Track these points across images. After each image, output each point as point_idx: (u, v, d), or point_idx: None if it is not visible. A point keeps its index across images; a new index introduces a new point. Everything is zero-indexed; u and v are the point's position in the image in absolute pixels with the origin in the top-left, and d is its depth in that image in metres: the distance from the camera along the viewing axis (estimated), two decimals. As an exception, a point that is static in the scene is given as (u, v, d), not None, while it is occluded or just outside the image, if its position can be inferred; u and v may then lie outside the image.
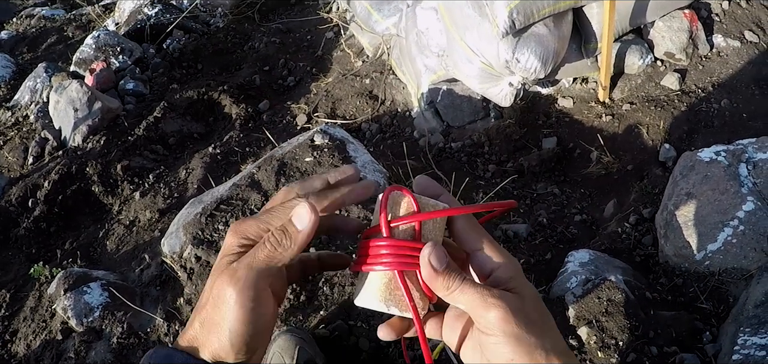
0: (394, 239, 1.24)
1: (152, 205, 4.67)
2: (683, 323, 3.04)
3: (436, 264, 1.20)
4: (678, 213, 3.44)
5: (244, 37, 7.04)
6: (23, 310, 4.00)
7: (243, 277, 1.20)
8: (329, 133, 4.36)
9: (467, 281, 1.19)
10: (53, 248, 4.62)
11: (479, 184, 4.59)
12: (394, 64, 5.74)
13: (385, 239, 1.24)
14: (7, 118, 6.27)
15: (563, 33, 4.73)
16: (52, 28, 8.39)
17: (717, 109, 4.63)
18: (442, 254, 1.21)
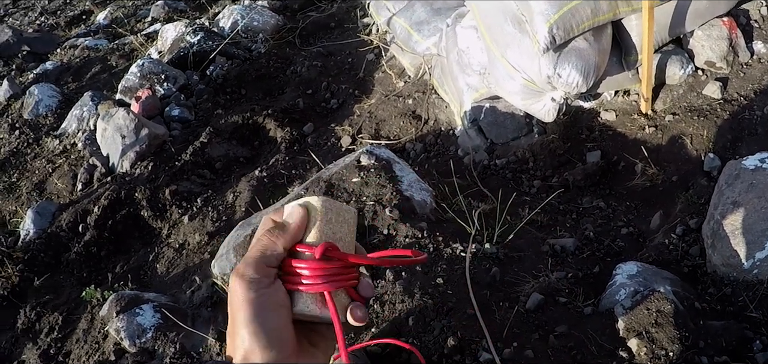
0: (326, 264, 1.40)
1: (201, 228, 4.73)
2: (733, 332, 3.03)
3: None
4: (724, 222, 3.43)
5: (286, 62, 7.09)
6: (76, 332, 4.07)
7: (242, 268, 1.34)
8: (375, 153, 4.39)
9: None
10: (104, 272, 4.69)
11: (525, 199, 4.60)
12: (436, 84, 5.76)
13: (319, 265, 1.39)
14: (55, 146, 6.37)
15: (603, 46, 4.73)
16: (95, 58, 8.50)
17: (760, 116, 4.61)
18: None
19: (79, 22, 10.83)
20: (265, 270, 1.34)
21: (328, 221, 1.44)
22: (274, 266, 1.37)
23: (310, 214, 1.45)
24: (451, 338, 3.07)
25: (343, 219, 1.48)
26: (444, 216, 4.21)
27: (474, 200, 4.51)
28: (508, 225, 4.10)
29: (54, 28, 10.59)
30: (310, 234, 1.43)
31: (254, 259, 1.35)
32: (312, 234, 1.43)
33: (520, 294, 3.48)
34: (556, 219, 4.38)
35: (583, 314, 3.29)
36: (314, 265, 1.38)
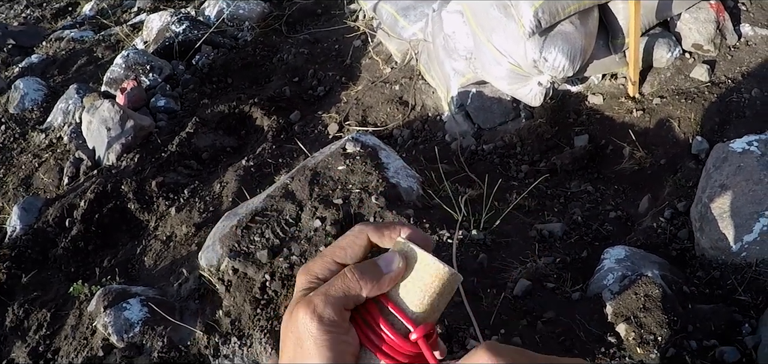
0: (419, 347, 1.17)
1: (188, 219, 4.71)
2: (722, 315, 3.03)
3: None
4: (713, 205, 3.43)
5: (273, 50, 7.07)
6: (64, 328, 4.05)
7: (320, 305, 1.14)
8: (361, 140, 4.37)
9: None
10: (92, 266, 4.67)
11: (513, 184, 4.59)
12: (423, 69, 5.75)
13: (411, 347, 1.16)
14: (41, 140, 6.34)
15: (590, 30, 4.72)
16: (81, 49, 8.46)
17: (748, 99, 4.60)
18: None
19: (64, 13, 10.76)
20: (344, 314, 1.16)
21: (443, 294, 1.19)
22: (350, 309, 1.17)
23: (415, 264, 1.20)
24: (439, 326, 3.06)
25: (452, 291, 1.22)
26: (431, 203, 4.19)
27: (461, 185, 4.50)
28: (495, 211, 4.10)
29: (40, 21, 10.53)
30: (413, 295, 1.18)
31: (335, 299, 1.15)
32: (416, 297, 1.18)
33: (507, 280, 3.47)
34: (544, 204, 4.38)
35: (571, 299, 3.29)
36: (407, 346, 1.16)
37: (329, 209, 3.87)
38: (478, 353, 1.06)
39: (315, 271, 1.20)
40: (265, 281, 3.62)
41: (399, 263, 1.18)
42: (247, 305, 3.57)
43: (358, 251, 1.21)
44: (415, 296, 1.17)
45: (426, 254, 1.18)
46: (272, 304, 3.55)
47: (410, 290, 1.18)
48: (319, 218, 3.84)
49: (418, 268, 1.18)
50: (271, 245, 3.78)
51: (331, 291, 1.15)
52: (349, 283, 1.16)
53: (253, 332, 3.47)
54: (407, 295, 1.18)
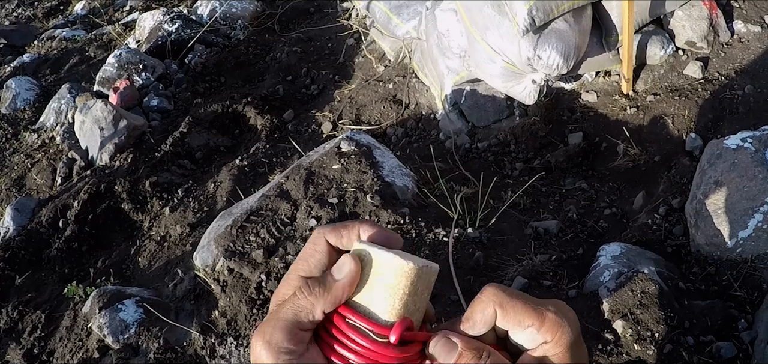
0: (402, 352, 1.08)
1: (182, 219, 4.70)
2: (718, 311, 3.04)
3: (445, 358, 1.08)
4: (707, 202, 3.43)
5: (266, 49, 7.06)
6: (59, 330, 4.04)
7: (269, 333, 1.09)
8: (355, 139, 4.38)
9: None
10: (86, 267, 4.66)
11: (507, 182, 4.59)
12: (417, 67, 5.75)
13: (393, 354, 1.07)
14: (34, 140, 6.32)
15: (583, 27, 4.73)
16: (73, 49, 8.45)
17: (741, 95, 4.61)
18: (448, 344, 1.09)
19: (56, 12, 10.75)
20: (299, 336, 1.09)
21: (416, 293, 1.10)
22: (308, 329, 1.11)
23: (377, 267, 1.11)
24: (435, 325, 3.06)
25: (428, 286, 1.13)
26: (426, 201, 4.20)
27: (456, 184, 4.50)
28: (490, 209, 4.10)
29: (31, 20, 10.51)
30: (381, 301, 1.09)
31: (285, 322, 1.09)
32: (386, 303, 1.09)
33: (504, 278, 3.47)
34: (539, 201, 4.38)
35: (568, 296, 3.29)
36: (388, 350, 1.07)
37: (324, 208, 3.87)
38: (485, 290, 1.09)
39: (282, 292, 1.16)
40: (260, 281, 3.62)
41: (350, 267, 1.10)
42: (243, 305, 3.57)
43: (320, 258, 1.16)
44: (385, 302, 1.09)
45: (385, 253, 1.10)
46: (268, 304, 3.54)
47: (377, 296, 1.10)
48: (314, 217, 3.84)
49: (380, 270, 1.10)
50: (266, 245, 3.78)
51: (281, 315, 1.10)
52: (299, 301, 1.10)
53: (249, 333, 3.47)
54: (375, 303, 1.10)
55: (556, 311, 1.07)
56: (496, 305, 1.07)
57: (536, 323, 1.05)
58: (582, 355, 1.10)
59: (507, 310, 1.06)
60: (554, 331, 1.06)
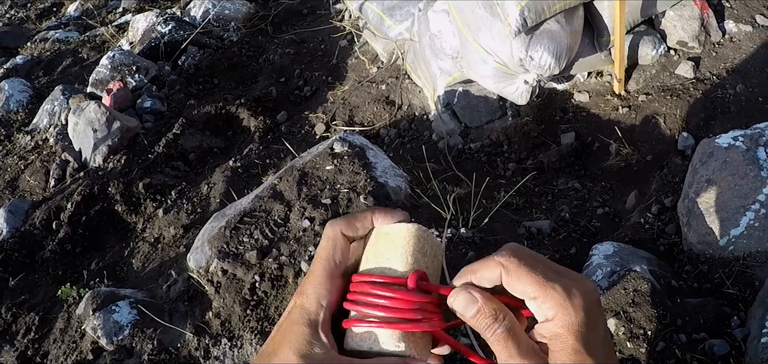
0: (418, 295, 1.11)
1: (176, 221, 4.70)
2: (710, 309, 3.05)
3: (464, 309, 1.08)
4: (699, 200, 3.45)
5: (259, 50, 7.06)
6: (53, 332, 4.04)
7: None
8: (348, 140, 4.38)
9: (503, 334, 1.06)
10: (79, 269, 4.65)
11: (500, 183, 4.60)
12: (409, 69, 5.75)
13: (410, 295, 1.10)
14: (27, 142, 6.32)
15: (575, 28, 4.74)
16: (66, 50, 8.44)
17: (732, 94, 4.63)
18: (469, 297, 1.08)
19: (49, 14, 10.73)
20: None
21: (424, 252, 1.16)
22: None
23: (386, 237, 1.17)
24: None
25: (434, 250, 1.19)
26: (419, 202, 4.20)
27: (449, 184, 4.51)
28: (483, 209, 4.11)
29: (24, 22, 10.50)
30: (393, 259, 1.15)
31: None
32: (397, 260, 1.14)
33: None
34: (532, 201, 4.39)
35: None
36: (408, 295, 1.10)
37: (318, 209, 3.88)
38: (501, 249, 1.08)
39: (308, 292, 1.15)
40: (254, 282, 3.63)
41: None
42: (237, 307, 3.58)
43: (343, 253, 1.18)
44: (397, 261, 1.14)
45: (394, 224, 1.17)
46: (262, 305, 3.56)
47: (390, 258, 1.15)
48: (307, 219, 3.84)
49: (389, 238, 1.16)
50: (260, 246, 3.78)
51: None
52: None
53: (243, 334, 3.47)
54: (388, 262, 1.15)
55: (562, 287, 1.02)
56: (501, 268, 1.05)
57: (539, 297, 1.03)
58: (594, 340, 1.03)
59: (511, 276, 1.04)
60: (555, 309, 1.02)
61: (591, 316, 1.03)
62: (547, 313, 1.03)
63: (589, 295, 1.04)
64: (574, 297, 1.02)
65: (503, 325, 1.05)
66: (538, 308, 1.04)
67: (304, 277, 1.21)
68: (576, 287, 1.04)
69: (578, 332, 1.01)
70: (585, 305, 1.02)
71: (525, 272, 1.03)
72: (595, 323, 1.04)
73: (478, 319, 1.06)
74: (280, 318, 1.19)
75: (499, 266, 1.05)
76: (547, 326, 1.03)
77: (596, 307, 1.05)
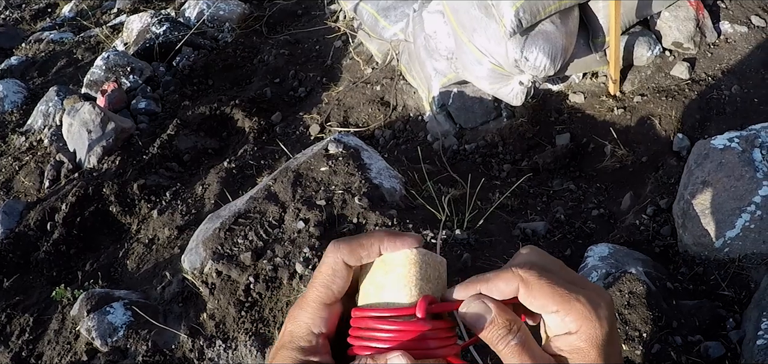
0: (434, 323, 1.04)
1: (170, 222, 4.69)
2: (706, 311, 3.04)
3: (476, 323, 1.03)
4: (695, 202, 3.44)
5: (253, 51, 7.06)
6: (47, 333, 4.03)
7: None
8: (343, 141, 4.38)
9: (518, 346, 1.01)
10: (74, 270, 4.65)
11: (495, 184, 4.60)
12: (404, 70, 5.75)
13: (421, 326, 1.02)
14: (21, 143, 6.31)
15: (570, 29, 4.73)
16: (61, 51, 8.42)
17: (728, 95, 4.63)
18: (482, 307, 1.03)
19: (44, 15, 10.72)
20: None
21: (429, 279, 1.07)
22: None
23: (383, 268, 1.08)
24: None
25: (438, 272, 1.10)
26: (414, 203, 4.20)
27: (444, 185, 4.50)
28: (478, 210, 4.10)
29: (18, 22, 10.48)
30: (397, 291, 1.06)
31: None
32: (402, 292, 1.05)
33: (492, 280, 3.47)
34: (527, 203, 4.38)
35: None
36: (417, 326, 1.02)
37: (312, 210, 3.87)
38: (517, 257, 1.04)
39: (305, 321, 1.10)
40: (248, 283, 3.62)
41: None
42: (232, 308, 3.57)
43: (341, 283, 1.09)
44: (401, 291, 1.05)
45: (392, 252, 1.07)
46: (256, 306, 3.55)
47: (392, 289, 1.06)
48: (302, 220, 3.83)
49: (389, 267, 1.08)
50: (254, 248, 3.78)
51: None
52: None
53: (237, 335, 3.47)
54: (391, 295, 1.06)
55: (587, 299, 0.98)
56: (520, 281, 0.99)
57: (561, 310, 0.98)
58: (613, 353, 1.00)
59: (531, 290, 0.98)
60: (579, 322, 0.98)
61: (613, 330, 1.01)
62: (570, 326, 0.99)
63: (611, 308, 1.02)
64: (600, 310, 0.99)
65: (517, 336, 1.01)
66: (560, 321, 0.99)
67: (299, 297, 1.13)
68: (598, 299, 1.00)
69: (601, 346, 0.98)
70: (609, 316, 1.00)
71: (547, 287, 0.99)
72: (615, 337, 1.01)
73: (491, 331, 1.02)
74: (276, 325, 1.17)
75: (517, 279, 1.00)
76: (568, 339, 1.00)
77: (615, 321, 1.02)
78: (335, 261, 1.09)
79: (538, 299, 0.99)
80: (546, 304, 0.98)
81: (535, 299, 0.99)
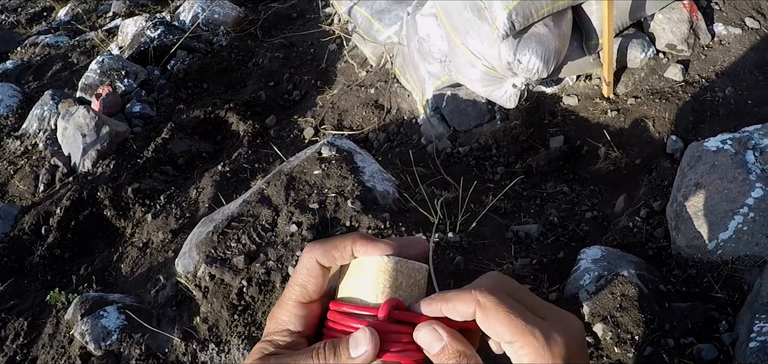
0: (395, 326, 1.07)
1: (164, 226, 4.69)
2: (699, 313, 3.04)
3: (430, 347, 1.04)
4: (688, 204, 3.45)
5: (248, 54, 7.06)
6: (41, 337, 4.02)
7: None
8: (336, 144, 4.38)
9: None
10: (68, 274, 4.64)
11: (488, 186, 4.60)
12: (398, 73, 5.75)
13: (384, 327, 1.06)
14: (17, 147, 6.30)
15: (564, 31, 4.74)
16: (56, 55, 8.42)
17: (722, 97, 4.63)
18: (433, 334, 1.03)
19: (40, 19, 10.72)
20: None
21: (399, 287, 1.10)
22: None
23: (360, 268, 1.12)
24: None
25: (412, 281, 1.12)
26: (407, 206, 4.20)
27: (437, 188, 4.50)
28: (471, 213, 4.10)
29: (14, 26, 10.48)
30: (366, 293, 1.10)
31: None
32: (370, 295, 1.09)
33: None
34: (520, 205, 4.39)
35: (548, 300, 3.29)
36: (376, 325, 1.06)
37: (305, 213, 3.87)
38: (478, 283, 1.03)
39: (283, 319, 1.13)
40: (242, 287, 3.62)
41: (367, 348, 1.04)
42: (225, 312, 3.57)
43: (316, 282, 1.12)
44: (371, 294, 1.09)
45: (368, 256, 1.10)
46: (249, 310, 3.55)
47: (364, 290, 1.10)
48: (295, 223, 3.83)
49: (364, 270, 1.11)
50: (247, 251, 3.78)
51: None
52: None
53: (230, 339, 3.47)
54: (362, 295, 1.10)
55: (542, 334, 0.97)
56: (477, 306, 0.99)
57: (516, 342, 0.97)
58: None
59: (488, 317, 0.98)
60: (532, 357, 0.96)
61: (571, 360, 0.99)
62: (523, 359, 0.98)
63: (571, 339, 1.00)
64: (554, 345, 0.98)
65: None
66: (514, 353, 0.99)
67: (278, 299, 1.15)
68: (557, 331, 0.99)
69: None
70: (565, 352, 0.98)
71: (503, 315, 0.98)
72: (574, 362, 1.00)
73: (441, 358, 1.02)
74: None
75: (475, 303, 0.99)
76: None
77: (578, 350, 1.02)
78: (309, 261, 1.12)
79: (494, 326, 0.99)
80: (502, 332, 0.98)
81: (491, 326, 0.99)
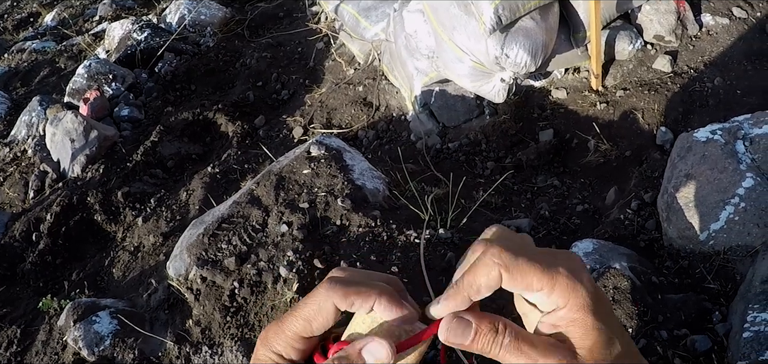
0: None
1: (155, 229, 4.68)
2: (692, 304, 3.04)
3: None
4: (678, 195, 3.44)
5: (235, 55, 7.05)
6: (35, 344, 4.01)
7: None
8: (325, 143, 4.37)
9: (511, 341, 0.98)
10: (60, 280, 4.63)
11: (479, 182, 4.60)
12: (386, 70, 5.74)
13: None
14: (5, 154, 6.28)
15: (551, 25, 4.73)
16: (43, 60, 8.40)
17: (711, 88, 4.64)
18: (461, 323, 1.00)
19: (26, 24, 10.69)
20: None
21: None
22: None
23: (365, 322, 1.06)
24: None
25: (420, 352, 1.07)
26: (397, 203, 4.19)
27: (427, 184, 4.50)
28: (462, 209, 4.10)
29: (1, 33, 10.46)
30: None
31: None
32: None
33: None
34: (511, 200, 4.38)
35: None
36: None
37: (295, 213, 3.86)
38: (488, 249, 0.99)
39: (277, 348, 1.08)
40: (233, 288, 3.61)
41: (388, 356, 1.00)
42: (217, 314, 3.56)
43: (324, 321, 1.06)
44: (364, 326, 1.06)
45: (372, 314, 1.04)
46: (242, 311, 3.54)
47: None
48: (285, 223, 3.82)
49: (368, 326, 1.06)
50: (238, 252, 3.76)
51: None
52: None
53: (223, 340, 3.45)
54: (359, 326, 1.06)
55: (567, 270, 0.97)
56: (501, 267, 0.96)
57: (546, 288, 0.96)
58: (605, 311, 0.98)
59: (513, 273, 0.96)
60: (567, 295, 0.96)
61: (596, 287, 0.99)
62: (557, 301, 0.97)
63: (585, 269, 1.00)
64: (582, 274, 0.98)
65: (507, 333, 0.98)
66: (547, 298, 0.97)
67: (278, 319, 1.09)
68: (577, 268, 0.99)
69: (594, 310, 0.96)
70: (586, 278, 0.98)
71: (526, 266, 0.96)
72: (599, 294, 1.00)
73: (478, 341, 0.98)
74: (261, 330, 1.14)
75: (497, 267, 0.96)
76: (559, 314, 0.97)
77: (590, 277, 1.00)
78: (325, 302, 1.05)
79: (521, 281, 0.96)
80: (530, 283, 0.96)
81: (518, 282, 0.96)
